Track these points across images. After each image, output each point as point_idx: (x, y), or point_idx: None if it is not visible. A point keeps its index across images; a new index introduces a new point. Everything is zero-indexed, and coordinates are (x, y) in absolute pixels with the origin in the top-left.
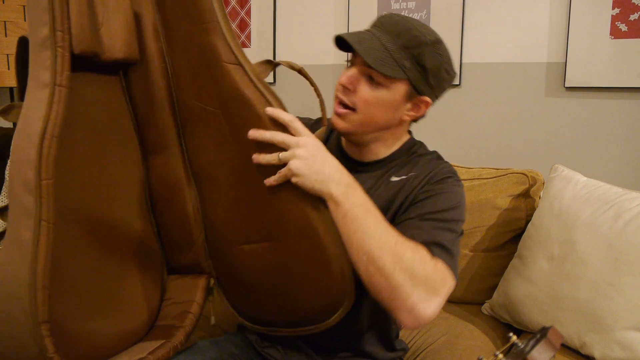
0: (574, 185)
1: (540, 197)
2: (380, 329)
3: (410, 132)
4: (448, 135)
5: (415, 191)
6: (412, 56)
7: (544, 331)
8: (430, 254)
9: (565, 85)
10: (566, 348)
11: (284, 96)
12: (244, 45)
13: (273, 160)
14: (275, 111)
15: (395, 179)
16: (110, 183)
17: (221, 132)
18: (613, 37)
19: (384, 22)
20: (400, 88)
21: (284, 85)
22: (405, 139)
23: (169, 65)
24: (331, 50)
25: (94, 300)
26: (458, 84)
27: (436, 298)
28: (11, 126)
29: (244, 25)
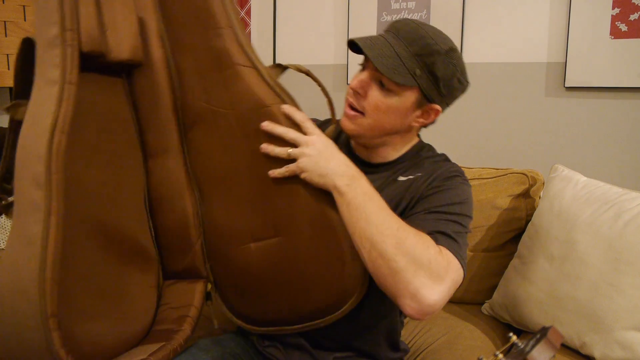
0: (574, 185)
1: (540, 197)
2: (384, 329)
3: (418, 135)
4: (448, 135)
5: (421, 189)
6: (424, 64)
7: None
8: (434, 241)
9: (565, 85)
10: (566, 348)
11: None
12: None
13: (282, 153)
14: (290, 109)
15: (402, 178)
16: (111, 184)
17: (230, 132)
18: (613, 37)
19: (398, 28)
20: (411, 95)
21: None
22: (414, 142)
23: (172, 69)
24: (331, 50)
25: (97, 301)
26: None
27: (440, 284)
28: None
29: (244, 25)
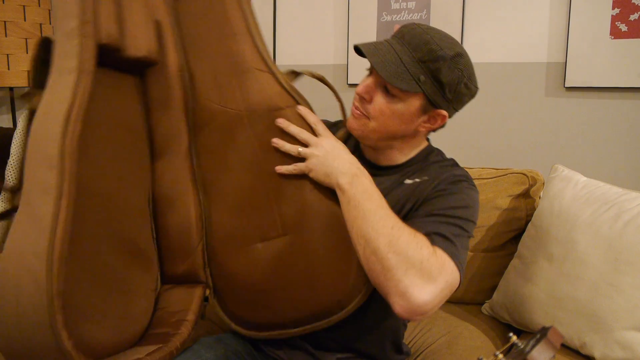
0: (574, 186)
1: (540, 197)
2: (387, 331)
3: (428, 139)
4: (448, 135)
5: (426, 192)
6: (428, 70)
7: (544, 331)
8: (430, 242)
9: (565, 85)
10: (566, 348)
11: None
12: None
13: (292, 150)
14: (305, 110)
15: (408, 181)
16: (119, 181)
17: (243, 132)
18: (613, 37)
19: (404, 33)
20: (415, 101)
21: None
22: (423, 146)
23: (186, 71)
24: (331, 50)
25: (100, 293)
26: None
27: (431, 285)
28: (11, 126)
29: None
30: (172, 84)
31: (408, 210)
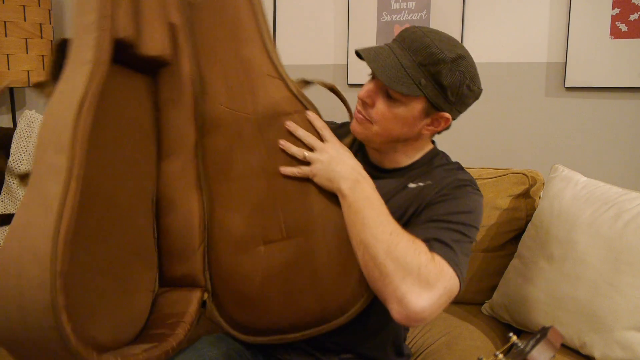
0: (574, 185)
1: (540, 197)
2: (389, 334)
3: (433, 142)
4: (448, 135)
5: (429, 197)
6: (429, 73)
7: (544, 331)
8: (429, 248)
9: (565, 85)
10: (566, 348)
11: None
12: None
13: (298, 153)
14: (313, 116)
15: (412, 185)
16: (124, 178)
17: (251, 135)
18: (613, 37)
19: (405, 37)
20: (417, 104)
21: None
22: (428, 149)
23: (196, 73)
24: (331, 50)
25: (102, 283)
26: None
27: (429, 291)
28: (11, 126)
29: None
30: (184, 85)
31: (410, 215)
